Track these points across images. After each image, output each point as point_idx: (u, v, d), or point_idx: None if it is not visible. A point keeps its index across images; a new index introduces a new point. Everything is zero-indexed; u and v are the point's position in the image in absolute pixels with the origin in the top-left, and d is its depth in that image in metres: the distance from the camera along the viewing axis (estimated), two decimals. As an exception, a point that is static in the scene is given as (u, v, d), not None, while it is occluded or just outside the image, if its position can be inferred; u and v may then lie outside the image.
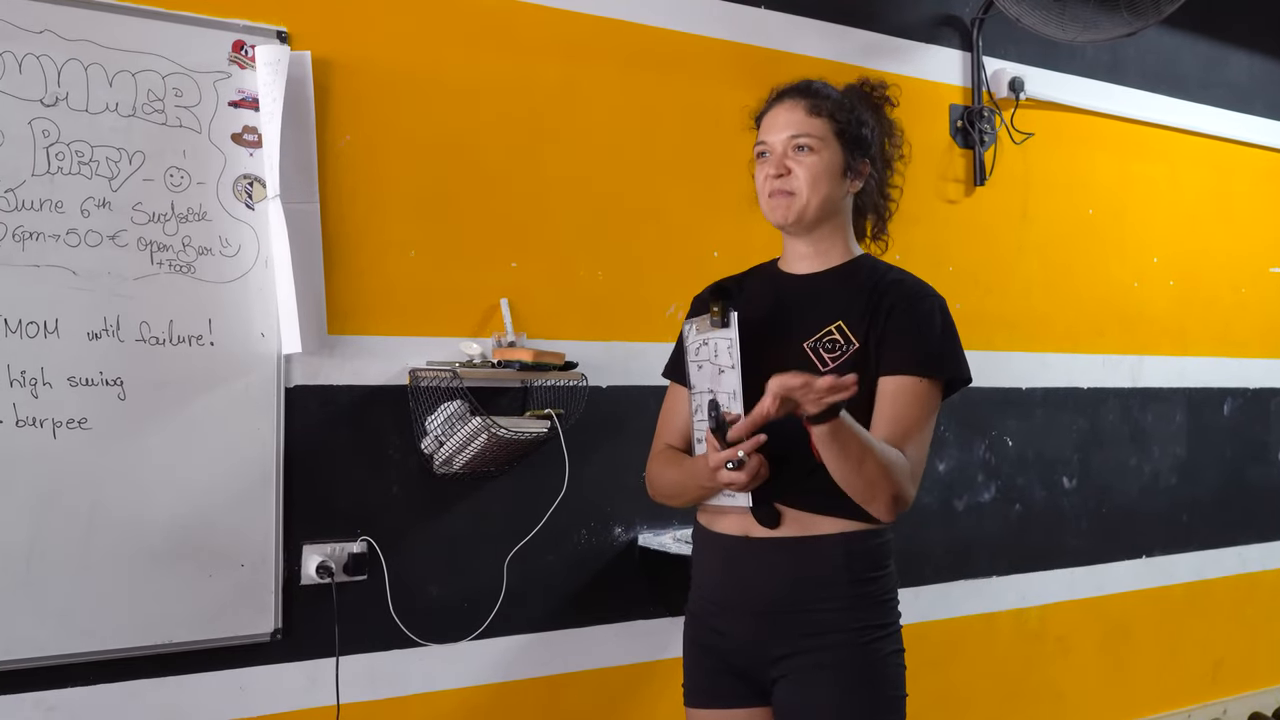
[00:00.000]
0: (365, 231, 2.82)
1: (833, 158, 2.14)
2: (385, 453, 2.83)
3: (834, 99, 2.18)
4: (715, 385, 2.03)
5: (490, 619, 2.93)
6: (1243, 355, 4.65)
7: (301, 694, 2.72)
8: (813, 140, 2.13)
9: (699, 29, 3.34)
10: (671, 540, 3.14)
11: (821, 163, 2.13)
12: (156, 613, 2.54)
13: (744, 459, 1.92)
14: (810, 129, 2.14)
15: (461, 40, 2.97)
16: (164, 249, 2.56)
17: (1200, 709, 4.47)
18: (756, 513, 2.05)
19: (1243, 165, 4.68)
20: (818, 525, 2.05)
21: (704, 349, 2.07)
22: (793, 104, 2.17)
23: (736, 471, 1.93)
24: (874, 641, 2.05)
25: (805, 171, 2.12)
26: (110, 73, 2.51)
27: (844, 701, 2.03)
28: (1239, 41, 4.70)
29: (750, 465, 1.94)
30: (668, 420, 2.32)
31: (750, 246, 3.37)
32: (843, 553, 2.05)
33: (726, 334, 2.01)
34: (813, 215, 2.14)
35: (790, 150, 2.14)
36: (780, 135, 2.15)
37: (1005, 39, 3.97)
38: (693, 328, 2.13)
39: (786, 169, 2.13)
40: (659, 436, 2.33)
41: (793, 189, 2.13)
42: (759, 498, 2.03)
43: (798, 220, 2.15)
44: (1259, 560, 4.70)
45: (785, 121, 2.16)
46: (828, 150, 2.14)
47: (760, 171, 2.19)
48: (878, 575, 2.09)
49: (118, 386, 2.51)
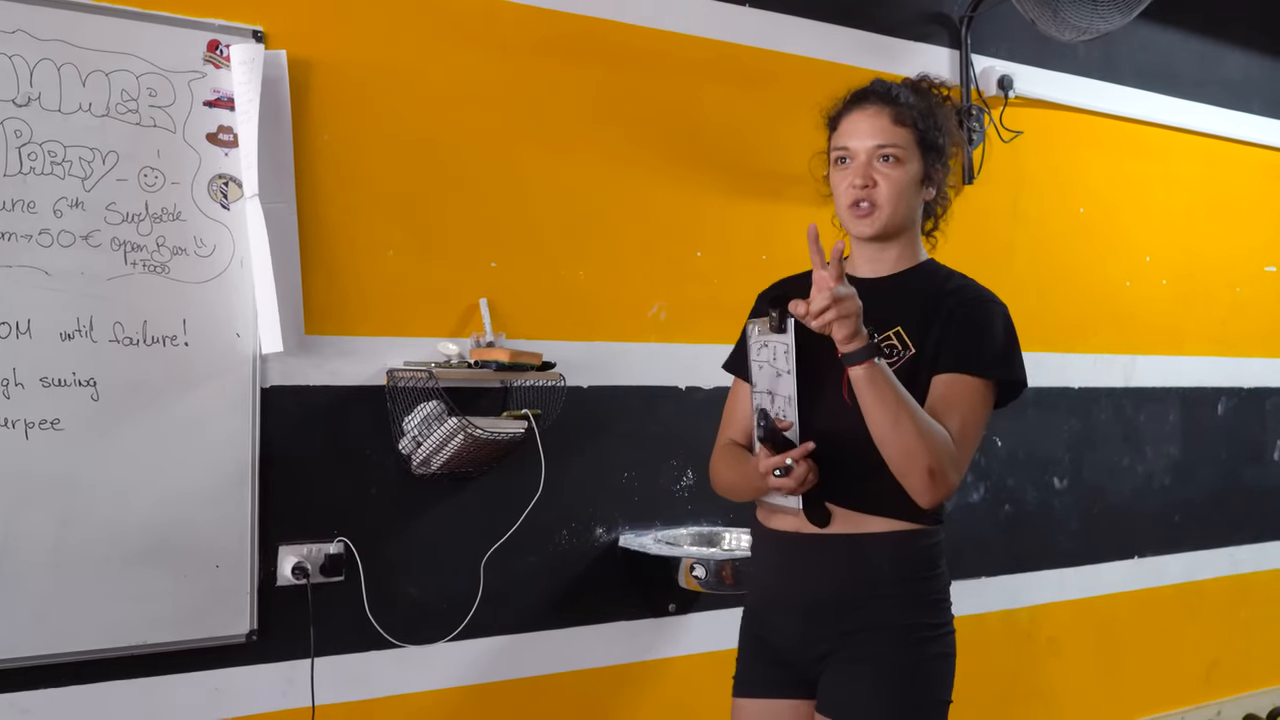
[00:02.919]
0: (343, 231, 2.81)
1: (915, 169, 2.14)
2: (362, 453, 2.83)
3: (917, 107, 2.16)
4: (774, 387, 2.06)
5: (468, 620, 2.92)
6: (1238, 355, 4.62)
7: (277, 695, 2.71)
8: (899, 151, 2.11)
9: (682, 27, 3.32)
10: (652, 541, 3.13)
11: (906, 175, 2.12)
12: (131, 614, 2.54)
13: (791, 465, 1.96)
14: (896, 139, 2.12)
15: (442, 39, 2.95)
16: (138, 249, 2.55)
17: (1194, 711, 4.45)
18: (808, 512, 2.08)
19: (1238, 163, 4.65)
20: (867, 524, 2.07)
21: (764, 350, 2.10)
22: (876, 110, 2.14)
23: (784, 478, 1.98)
24: (921, 642, 2.07)
25: (890, 185, 2.11)
26: (83, 72, 2.51)
27: (884, 698, 2.05)
28: (1235, 39, 4.67)
29: (798, 472, 1.97)
30: (731, 415, 2.34)
31: (733, 246, 3.38)
32: (891, 552, 2.07)
33: (784, 339, 2.03)
34: (894, 227, 2.15)
35: (876, 160, 2.12)
36: (865, 143, 2.13)
37: (994, 37, 3.95)
38: (755, 328, 2.14)
39: (872, 180, 2.12)
40: (723, 431, 2.35)
41: (877, 201, 2.12)
42: (811, 497, 2.06)
43: (879, 234, 2.15)
44: (1252, 561, 4.68)
45: (870, 129, 2.13)
46: (912, 161, 2.13)
47: (841, 179, 2.16)
48: (928, 576, 2.11)
49: (91, 387, 2.50)
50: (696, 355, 3.31)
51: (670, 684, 3.26)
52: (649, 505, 3.23)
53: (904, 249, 2.19)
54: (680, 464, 3.28)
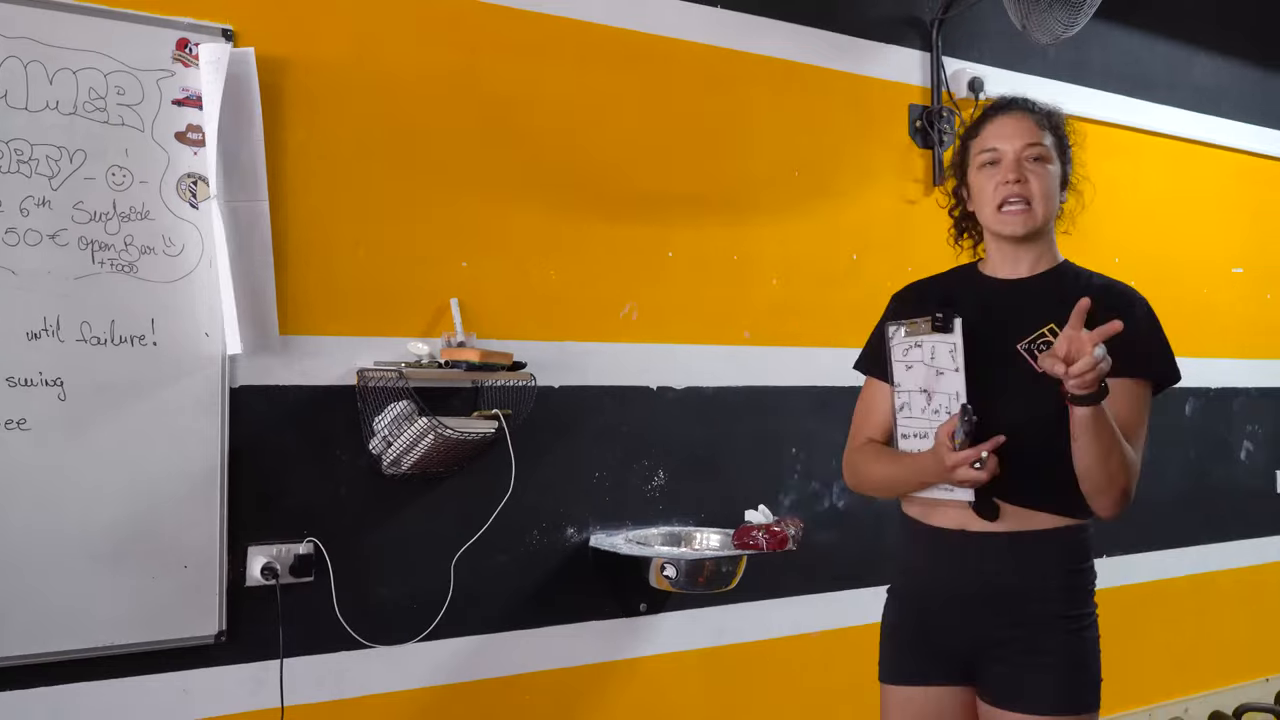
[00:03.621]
0: (314, 230, 2.80)
1: (1058, 171, 2.25)
2: (333, 453, 2.82)
3: (1052, 115, 2.28)
4: (931, 386, 2.13)
5: (438, 620, 2.91)
6: (1205, 355, 4.65)
7: (246, 696, 2.71)
8: (1046, 151, 2.22)
9: (654, 28, 3.33)
10: (623, 541, 3.13)
11: (1053, 175, 2.23)
12: (98, 615, 2.52)
13: (985, 458, 2.02)
14: (1043, 139, 2.23)
15: (415, 39, 2.95)
16: (105, 248, 2.54)
17: (1161, 708, 4.48)
18: (978, 506, 2.15)
19: (1207, 166, 4.69)
20: (1034, 520, 2.15)
21: (914, 350, 2.16)
22: (1021, 115, 2.25)
23: (979, 471, 2.04)
24: (1085, 629, 2.17)
25: (1041, 183, 2.21)
26: (51, 70, 2.49)
27: (1061, 683, 2.14)
28: (1205, 43, 4.71)
29: (991, 464, 2.04)
30: (868, 414, 2.39)
31: (704, 246, 3.39)
32: (1057, 547, 2.16)
33: (949, 339, 2.11)
34: (1041, 225, 2.23)
35: (1025, 159, 2.21)
36: (1015, 143, 2.22)
37: (965, 39, 3.97)
38: (900, 329, 2.20)
39: (1023, 176, 2.20)
40: (858, 429, 2.40)
41: (1028, 197, 2.20)
42: (980, 492, 2.13)
43: (1030, 232, 2.22)
44: (1219, 560, 4.71)
45: (1017, 130, 2.23)
46: (1056, 163, 2.24)
47: (989, 179, 2.24)
48: (1084, 567, 2.21)
49: (58, 387, 2.49)
50: (668, 355, 3.31)
51: (642, 683, 3.27)
52: (620, 505, 3.23)
53: (1043, 250, 2.28)
54: (651, 464, 3.29)
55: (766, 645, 3.50)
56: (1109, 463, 2.04)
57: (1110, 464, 2.04)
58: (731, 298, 3.45)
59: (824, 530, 3.55)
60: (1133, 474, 2.09)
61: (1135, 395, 2.14)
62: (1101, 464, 2.04)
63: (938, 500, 2.21)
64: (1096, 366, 1.91)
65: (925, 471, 2.16)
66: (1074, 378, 1.92)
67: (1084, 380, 1.92)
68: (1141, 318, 2.18)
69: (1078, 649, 2.15)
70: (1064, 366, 1.92)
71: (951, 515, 2.20)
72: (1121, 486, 2.08)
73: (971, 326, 2.13)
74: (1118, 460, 2.05)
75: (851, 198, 3.69)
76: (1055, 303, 2.16)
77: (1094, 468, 2.05)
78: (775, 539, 3.12)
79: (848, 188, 3.69)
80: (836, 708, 3.54)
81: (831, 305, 3.62)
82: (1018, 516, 2.15)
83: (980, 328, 2.15)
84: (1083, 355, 1.90)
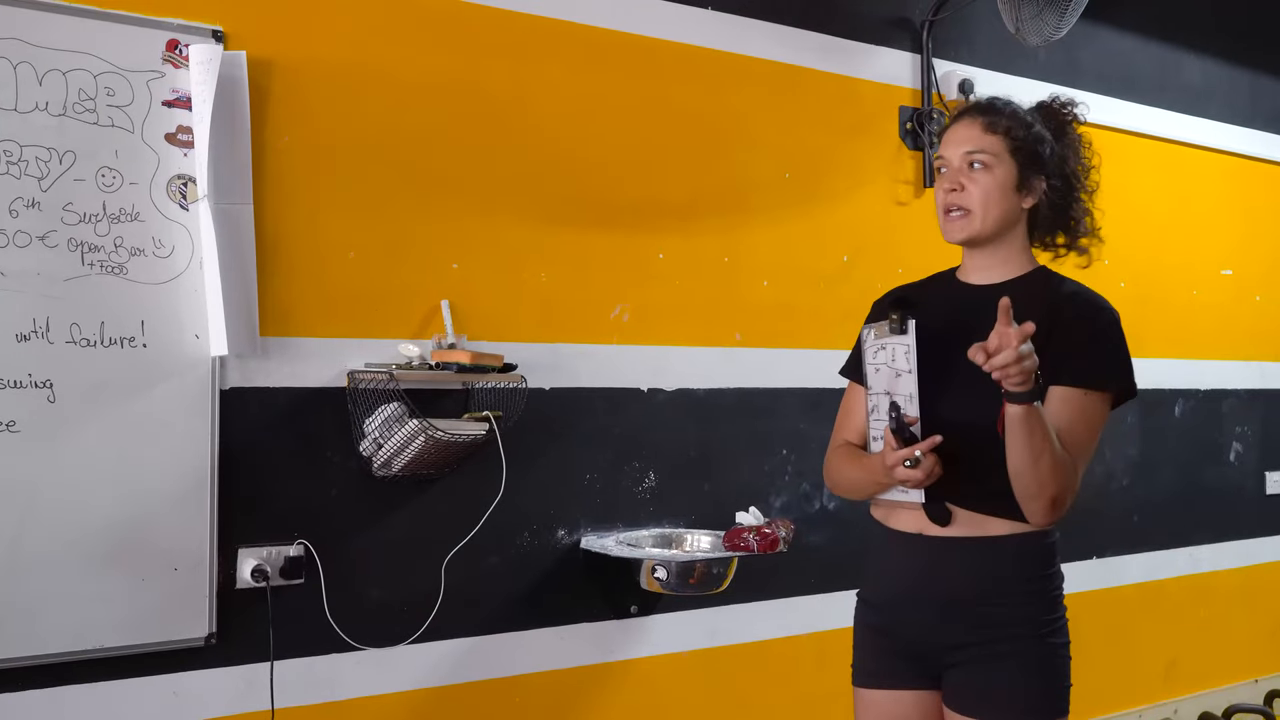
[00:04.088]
0: (304, 232, 2.80)
1: (1006, 174, 2.22)
2: (323, 455, 2.82)
3: (1012, 115, 2.26)
4: (892, 388, 2.14)
5: (429, 622, 2.91)
6: (1195, 357, 4.67)
7: (237, 699, 2.70)
8: (986, 157, 2.21)
9: (646, 30, 3.33)
10: (614, 543, 3.13)
11: (994, 180, 2.21)
12: (88, 617, 2.52)
13: (920, 457, 2.04)
14: (984, 145, 2.22)
15: (405, 41, 2.95)
16: (95, 250, 2.54)
17: (1151, 709, 4.49)
18: (928, 509, 2.17)
19: (1196, 168, 4.71)
20: (988, 526, 2.15)
21: (881, 353, 2.19)
22: (970, 121, 2.26)
23: (913, 470, 2.06)
24: (1047, 636, 2.17)
25: (978, 190, 2.21)
26: (40, 71, 2.49)
27: (1021, 689, 2.15)
28: (1194, 45, 4.72)
29: (926, 464, 2.06)
30: (846, 418, 2.43)
31: (695, 248, 3.39)
32: (1015, 553, 2.16)
33: (904, 340, 2.12)
34: (988, 232, 2.23)
35: (965, 166, 2.23)
36: (956, 151, 2.25)
37: (956, 41, 3.98)
38: (871, 332, 2.24)
39: (960, 185, 2.22)
40: (837, 432, 2.44)
41: (966, 206, 2.22)
42: (931, 496, 2.15)
43: (971, 240, 2.25)
44: (1210, 560, 4.73)
45: (962, 137, 2.25)
46: (1001, 167, 2.22)
47: (937, 187, 2.29)
48: (1048, 574, 2.20)
49: (47, 389, 2.48)
50: (659, 357, 3.32)
51: (633, 685, 3.26)
52: (611, 507, 3.23)
53: (1011, 256, 2.27)
54: (642, 465, 3.29)
55: (758, 647, 3.50)
56: (1038, 466, 2.03)
57: (1040, 468, 2.03)
58: (722, 299, 3.45)
59: (815, 532, 3.56)
60: (1065, 483, 2.07)
61: (1085, 406, 2.14)
62: (1031, 466, 2.04)
63: (896, 503, 2.23)
64: (1020, 362, 1.92)
65: (876, 472, 2.18)
66: (997, 369, 1.93)
67: (1007, 373, 1.93)
68: (1104, 327, 2.19)
69: (1040, 655, 2.16)
70: (984, 357, 1.94)
71: (909, 519, 2.22)
72: (1051, 494, 2.06)
73: (937, 331, 2.14)
74: (1048, 465, 2.04)
75: (842, 199, 3.70)
76: (1021, 310, 2.15)
77: (1024, 471, 2.05)
78: (766, 541, 3.12)
79: (838, 190, 3.69)
80: (829, 709, 3.54)
81: (822, 307, 3.63)
82: (971, 522, 2.16)
83: (946, 332, 2.15)
84: (1006, 348, 1.92)
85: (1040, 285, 2.25)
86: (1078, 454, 2.11)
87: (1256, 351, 4.93)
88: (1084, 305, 2.21)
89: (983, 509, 2.15)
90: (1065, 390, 2.12)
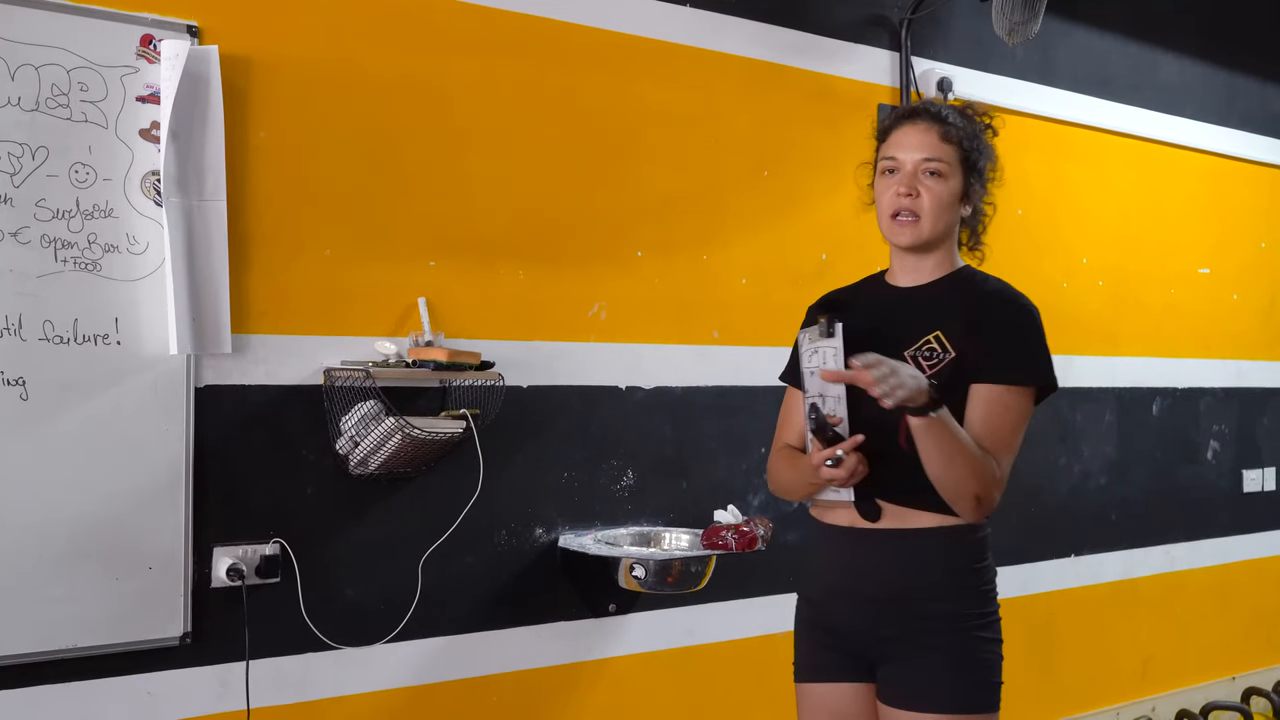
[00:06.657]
0: (280, 229, 2.78)
1: (956, 185, 2.25)
2: (300, 453, 2.80)
3: (963, 129, 2.28)
4: (824, 390, 2.17)
5: (406, 621, 2.90)
6: (1172, 355, 4.69)
7: (212, 699, 2.68)
8: (944, 166, 2.23)
9: (622, 26, 3.32)
10: (592, 541, 3.12)
11: (947, 189, 2.24)
12: (61, 617, 2.50)
13: (842, 457, 2.08)
14: (943, 154, 2.24)
15: (381, 37, 2.93)
16: (68, 246, 2.51)
17: (1128, 707, 4.51)
18: (858, 506, 2.20)
19: (1173, 167, 4.72)
20: (917, 519, 2.18)
21: (814, 357, 2.21)
22: (927, 126, 2.25)
23: (836, 469, 2.09)
24: (974, 630, 2.19)
25: (933, 198, 2.23)
26: (12, 66, 2.46)
27: (946, 683, 2.16)
28: (1170, 44, 4.74)
29: (848, 463, 2.09)
30: (786, 421, 2.46)
31: (673, 246, 3.38)
32: (943, 545, 2.18)
33: (833, 343, 2.15)
34: (933, 239, 2.26)
35: (921, 173, 2.23)
36: (913, 155, 2.24)
37: (934, 39, 3.98)
38: (805, 336, 2.26)
39: (915, 190, 2.22)
40: (778, 436, 2.47)
41: (918, 212, 2.23)
42: (861, 493, 2.19)
43: (918, 244, 2.26)
44: (1187, 559, 4.75)
45: (919, 142, 2.24)
46: (954, 178, 2.24)
47: (886, 187, 2.27)
48: (978, 567, 2.22)
49: (20, 386, 2.46)
50: (637, 355, 3.31)
51: (611, 684, 3.26)
52: (589, 505, 3.22)
53: (941, 259, 2.30)
54: (620, 464, 3.28)
55: (736, 645, 3.50)
56: (952, 469, 2.08)
57: (954, 471, 2.08)
58: (700, 297, 3.45)
59: (792, 530, 3.55)
60: (985, 481, 2.11)
61: (1008, 402, 2.17)
62: (944, 471, 2.08)
63: (831, 501, 2.26)
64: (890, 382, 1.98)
65: (806, 471, 2.22)
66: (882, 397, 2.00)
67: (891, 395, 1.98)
68: (1022, 324, 2.22)
69: (968, 649, 2.17)
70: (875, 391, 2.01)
71: (842, 515, 2.24)
72: (973, 493, 2.11)
73: (866, 333, 2.16)
74: (962, 468, 2.08)
75: (820, 197, 3.69)
76: (946, 309, 2.23)
77: (940, 476, 2.09)
78: (744, 539, 3.12)
79: (817, 187, 3.69)
80: (806, 707, 3.54)
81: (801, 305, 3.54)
82: (899, 515, 2.18)
83: (874, 335, 2.17)
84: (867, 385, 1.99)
85: (964, 283, 2.28)
86: (1001, 450, 2.15)
87: (1233, 350, 4.95)
88: (1004, 302, 2.24)
89: (910, 503, 2.17)
90: (987, 388, 2.16)
